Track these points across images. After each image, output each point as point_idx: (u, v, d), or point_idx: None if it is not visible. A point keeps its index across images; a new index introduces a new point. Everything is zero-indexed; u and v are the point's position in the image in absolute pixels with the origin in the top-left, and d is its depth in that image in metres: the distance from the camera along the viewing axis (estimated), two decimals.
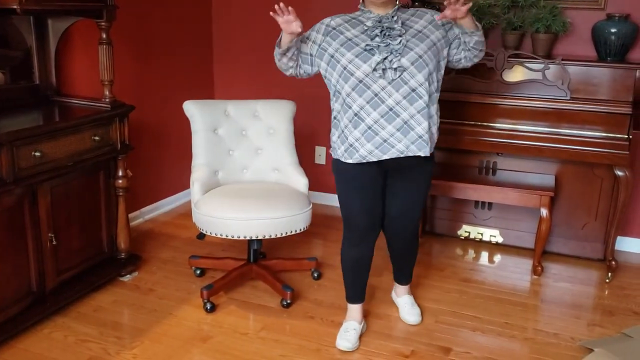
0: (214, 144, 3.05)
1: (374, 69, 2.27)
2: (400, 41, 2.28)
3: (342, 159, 2.40)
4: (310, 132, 4.13)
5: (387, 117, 2.29)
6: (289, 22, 2.23)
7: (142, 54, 3.69)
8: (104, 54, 2.84)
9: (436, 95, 2.41)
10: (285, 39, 2.32)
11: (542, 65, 3.25)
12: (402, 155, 2.34)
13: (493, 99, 3.29)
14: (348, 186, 2.46)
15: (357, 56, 2.29)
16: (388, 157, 2.33)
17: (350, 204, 2.48)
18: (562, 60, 3.22)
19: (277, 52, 2.40)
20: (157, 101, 3.85)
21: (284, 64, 2.44)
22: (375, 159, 2.34)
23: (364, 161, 2.36)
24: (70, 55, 3.15)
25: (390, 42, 2.28)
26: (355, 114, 2.32)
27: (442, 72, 2.43)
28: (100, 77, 2.88)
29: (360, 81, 2.29)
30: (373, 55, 2.28)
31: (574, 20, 3.40)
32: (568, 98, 3.20)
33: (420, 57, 2.29)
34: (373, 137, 2.31)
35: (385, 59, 2.26)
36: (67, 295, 2.73)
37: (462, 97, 3.33)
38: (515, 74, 3.32)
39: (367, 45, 2.29)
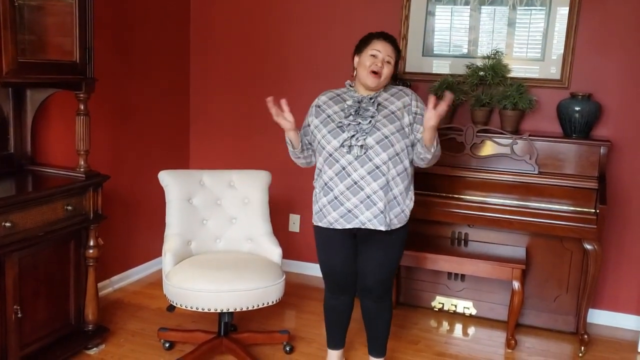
0: (188, 213, 3.05)
1: (342, 145, 2.45)
2: (370, 121, 2.45)
3: (314, 221, 2.60)
4: (285, 200, 4.15)
5: (352, 190, 2.45)
6: (279, 118, 2.44)
7: (119, 123, 3.73)
8: (81, 124, 2.87)
9: (407, 173, 2.53)
10: (292, 137, 2.53)
11: (511, 141, 3.36)
12: (363, 227, 2.48)
13: (463, 172, 3.38)
14: (322, 246, 2.65)
15: (329, 132, 2.49)
16: (351, 227, 2.49)
17: (324, 262, 2.68)
18: (530, 135, 3.34)
19: (294, 154, 2.60)
20: (132, 170, 3.86)
21: (305, 157, 2.63)
22: (340, 227, 2.51)
23: (331, 227, 2.52)
24: (47, 124, 3.17)
25: (361, 121, 2.45)
26: (325, 183, 2.51)
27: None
28: (76, 147, 2.89)
29: (330, 155, 2.48)
30: (343, 132, 2.45)
31: (540, 98, 3.55)
32: (536, 172, 3.29)
33: (387, 137, 2.43)
34: (339, 206, 2.48)
35: (352, 136, 2.44)
36: None
37: (434, 170, 3.39)
38: (485, 148, 3.42)
39: (339, 122, 2.47)
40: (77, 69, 2.79)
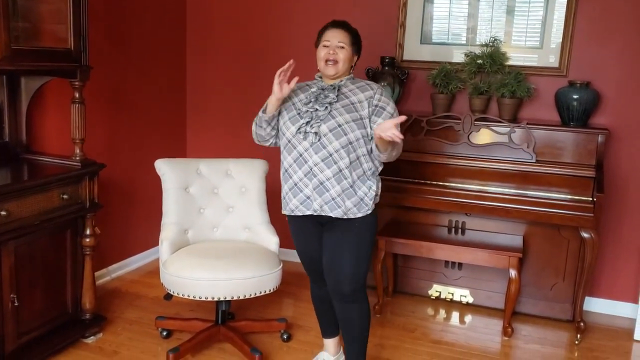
0: (185, 202, 3.04)
1: (298, 131, 2.43)
2: (326, 108, 2.42)
3: (282, 210, 2.58)
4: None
5: (308, 176, 2.44)
6: (282, 84, 2.41)
7: (115, 112, 3.71)
8: (76, 112, 2.85)
9: (359, 162, 2.44)
10: (273, 104, 2.48)
11: (508, 129, 3.34)
12: (315, 214, 2.46)
13: (461, 160, 3.37)
14: (295, 235, 2.65)
15: (290, 119, 2.49)
16: (310, 213, 2.47)
17: (302, 251, 2.67)
18: (528, 124, 3.33)
19: (262, 119, 2.53)
20: (128, 159, 3.84)
21: (267, 133, 2.56)
22: (300, 214, 2.50)
23: (293, 214, 2.52)
24: (42, 112, 3.15)
25: (317, 107, 2.44)
26: (286, 170, 2.51)
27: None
28: (72, 135, 2.88)
29: (289, 141, 2.47)
30: (301, 119, 2.45)
31: (538, 86, 3.53)
32: (534, 161, 3.28)
33: (340, 125, 2.39)
34: (298, 193, 2.47)
35: (307, 123, 2.42)
36: (27, 359, 2.63)
37: (431, 158, 3.40)
38: (483, 137, 3.41)
39: (299, 109, 2.48)
40: (71, 57, 2.76)
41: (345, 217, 2.44)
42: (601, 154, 3.28)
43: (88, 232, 2.92)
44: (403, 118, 2.29)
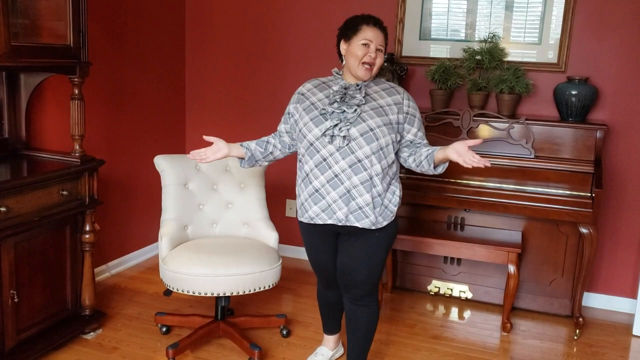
0: (184, 198, 3.05)
1: (323, 134, 2.29)
2: (356, 110, 2.28)
3: (297, 216, 2.50)
4: (281, 185, 4.15)
5: (332, 183, 2.30)
6: (214, 154, 2.53)
7: (114, 109, 3.71)
8: (76, 109, 2.85)
9: (391, 171, 2.38)
10: (232, 155, 2.56)
11: (507, 125, 3.35)
12: (340, 224, 2.34)
13: None
14: (308, 242, 2.57)
15: (312, 119, 2.34)
16: (332, 222, 2.35)
17: (312, 259, 2.61)
18: (526, 120, 3.33)
19: (244, 164, 2.59)
20: (127, 155, 3.85)
21: (269, 161, 2.62)
22: (321, 222, 2.37)
23: (312, 222, 2.40)
24: (42, 109, 3.16)
25: (345, 109, 2.28)
26: (307, 175, 2.37)
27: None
28: (71, 131, 2.88)
29: (311, 144, 2.33)
30: (326, 120, 2.30)
31: (537, 82, 3.54)
32: (532, 156, 3.29)
33: (372, 130, 2.27)
34: (320, 200, 2.34)
35: (335, 125, 2.27)
36: (27, 355, 2.63)
37: None
38: (481, 133, 3.42)
39: (323, 109, 2.33)
40: (71, 53, 2.77)
41: (373, 227, 2.33)
42: (600, 150, 3.28)
43: (87, 228, 2.92)
44: (479, 141, 2.19)
